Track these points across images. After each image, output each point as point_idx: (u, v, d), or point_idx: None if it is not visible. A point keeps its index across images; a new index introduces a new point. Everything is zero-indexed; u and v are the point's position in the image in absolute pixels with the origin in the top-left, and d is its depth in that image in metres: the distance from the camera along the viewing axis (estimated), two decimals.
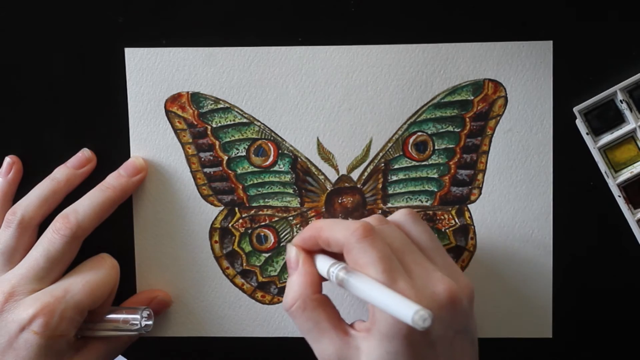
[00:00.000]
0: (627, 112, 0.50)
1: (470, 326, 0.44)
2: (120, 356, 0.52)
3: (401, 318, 0.38)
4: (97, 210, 0.49)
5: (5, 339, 0.46)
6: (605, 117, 0.50)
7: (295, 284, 0.44)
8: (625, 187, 0.50)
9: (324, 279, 0.45)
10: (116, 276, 0.50)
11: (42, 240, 0.48)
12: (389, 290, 0.40)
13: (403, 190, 0.51)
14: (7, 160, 0.52)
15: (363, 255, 0.42)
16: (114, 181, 0.50)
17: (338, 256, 0.45)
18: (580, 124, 0.50)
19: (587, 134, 0.50)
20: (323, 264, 0.45)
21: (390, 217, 0.46)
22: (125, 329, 0.49)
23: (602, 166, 0.50)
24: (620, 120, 0.50)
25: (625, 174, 0.50)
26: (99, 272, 0.49)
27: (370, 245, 0.42)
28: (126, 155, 0.51)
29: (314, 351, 0.44)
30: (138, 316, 0.49)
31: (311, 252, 0.46)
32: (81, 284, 0.48)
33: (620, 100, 0.50)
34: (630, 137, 0.50)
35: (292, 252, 0.46)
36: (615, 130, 0.50)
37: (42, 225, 0.50)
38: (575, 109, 0.50)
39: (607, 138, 0.50)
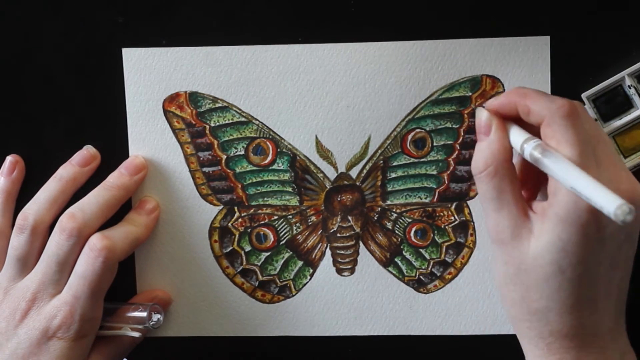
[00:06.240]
0: (635, 98, 0.49)
1: (637, 237, 0.43)
2: None
3: (601, 208, 0.37)
4: (103, 209, 0.49)
5: (27, 345, 0.47)
6: (614, 103, 0.50)
7: (488, 150, 0.44)
8: (635, 172, 0.50)
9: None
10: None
11: (50, 244, 0.48)
12: (592, 179, 0.38)
13: (402, 187, 0.51)
14: (10, 159, 0.52)
15: (564, 132, 0.41)
16: (117, 180, 0.50)
17: (529, 128, 0.44)
18: (588, 110, 0.49)
19: (596, 120, 0.50)
20: (517, 136, 0.43)
21: None
22: (135, 326, 0.50)
23: None
24: (628, 105, 0.50)
25: (635, 160, 0.50)
26: (95, 267, 0.48)
27: (573, 125, 0.41)
28: (125, 155, 0.51)
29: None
30: (146, 314, 0.49)
31: (503, 119, 0.45)
32: (85, 285, 0.48)
33: (629, 86, 0.49)
34: (639, 122, 0.50)
35: (484, 116, 0.45)
36: (624, 115, 0.50)
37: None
38: (584, 95, 0.49)
39: (615, 124, 0.50)
